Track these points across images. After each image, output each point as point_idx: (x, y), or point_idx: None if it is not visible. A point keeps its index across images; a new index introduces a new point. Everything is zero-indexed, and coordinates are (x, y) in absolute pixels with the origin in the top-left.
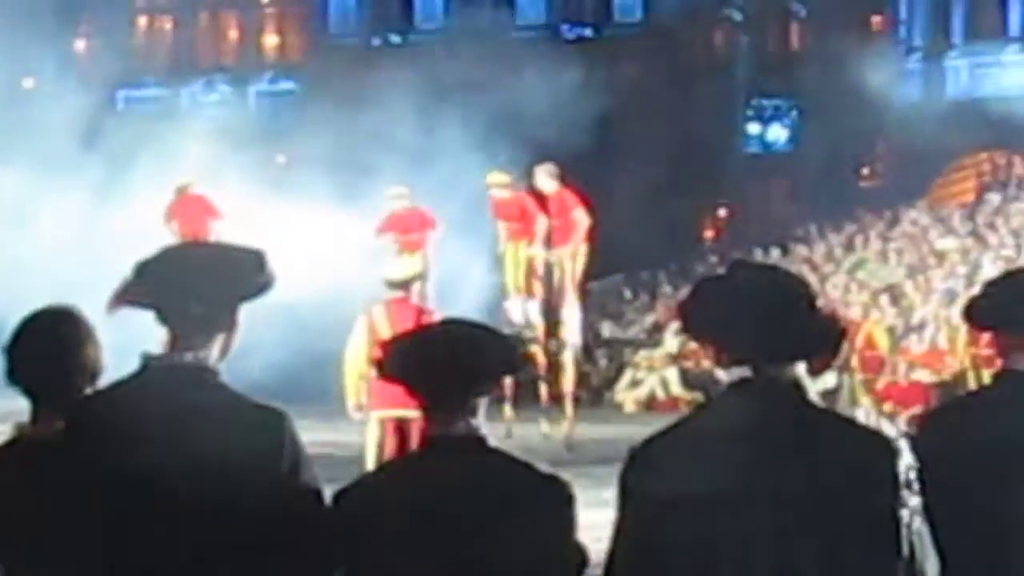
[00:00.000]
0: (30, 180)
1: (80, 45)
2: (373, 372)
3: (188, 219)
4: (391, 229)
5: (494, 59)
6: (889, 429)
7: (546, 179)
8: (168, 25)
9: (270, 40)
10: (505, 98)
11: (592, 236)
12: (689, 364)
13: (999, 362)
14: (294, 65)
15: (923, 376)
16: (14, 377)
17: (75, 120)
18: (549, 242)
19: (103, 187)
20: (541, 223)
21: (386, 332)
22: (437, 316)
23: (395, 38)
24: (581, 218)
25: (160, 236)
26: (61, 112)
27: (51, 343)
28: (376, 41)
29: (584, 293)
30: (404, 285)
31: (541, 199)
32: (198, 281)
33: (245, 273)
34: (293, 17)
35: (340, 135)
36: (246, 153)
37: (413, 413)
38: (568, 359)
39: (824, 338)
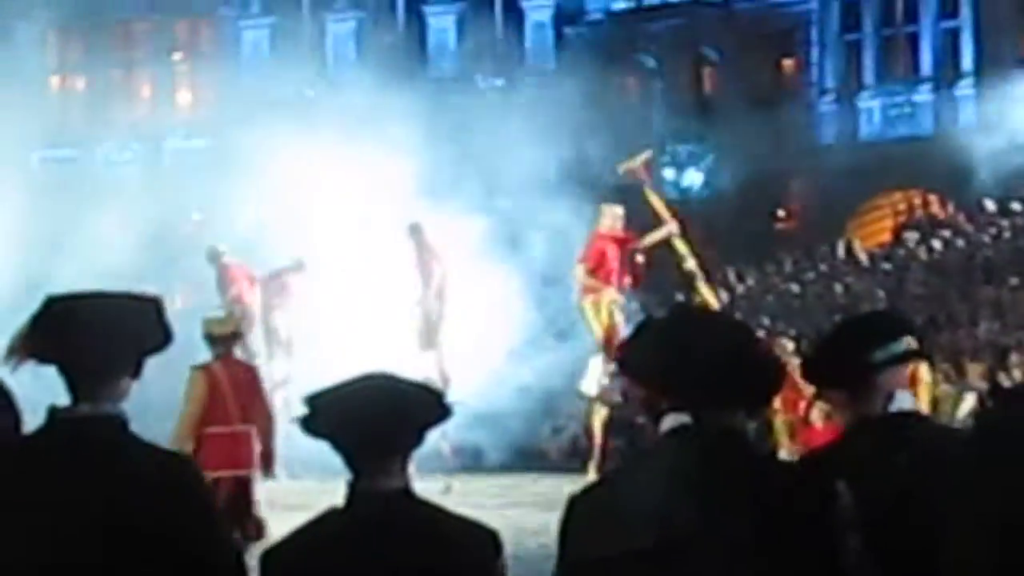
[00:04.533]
0: None
1: None
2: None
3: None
4: None
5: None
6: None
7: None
8: (81, 84)
9: (183, 97)
10: (422, 148)
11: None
12: (612, 411)
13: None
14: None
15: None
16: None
17: None
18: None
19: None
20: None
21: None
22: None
23: (309, 92)
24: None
25: None
26: None
27: None
28: (289, 94)
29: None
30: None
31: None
32: (99, 331)
33: (144, 321)
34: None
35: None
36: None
37: (245, 472)
38: None
39: (766, 385)
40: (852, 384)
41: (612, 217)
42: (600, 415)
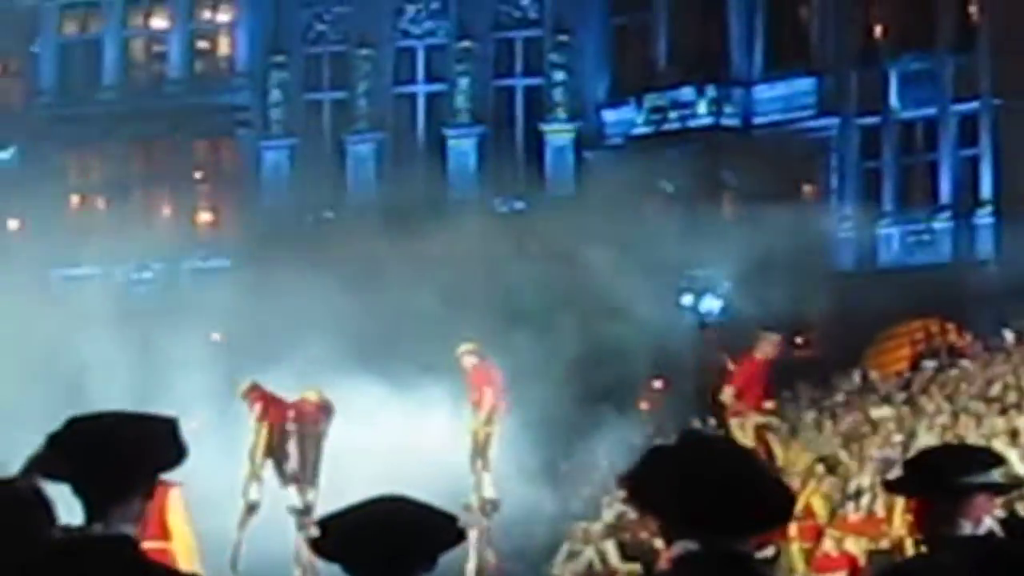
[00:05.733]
0: None
1: (13, 224)
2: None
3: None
4: None
5: (427, 231)
6: None
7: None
8: (101, 203)
9: (203, 217)
10: (442, 271)
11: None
12: (627, 536)
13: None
14: (227, 242)
15: (860, 545)
16: None
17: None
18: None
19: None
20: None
21: None
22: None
23: (329, 213)
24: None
25: None
26: None
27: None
28: (309, 217)
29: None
30: None
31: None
32: (112, 452)
33: (158, 442)
34: (226, 194)
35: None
36: (180, 330)
37: None
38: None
39: (776, 512)
40: (941, 502)
41: (770, 344)
42: None
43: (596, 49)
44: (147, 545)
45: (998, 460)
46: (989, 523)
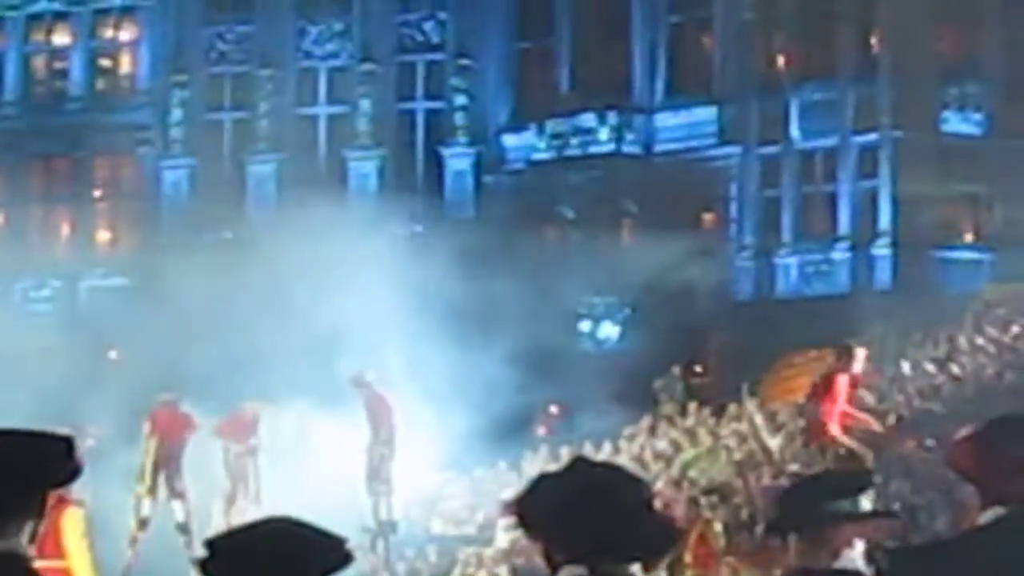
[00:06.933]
0: None
1: None
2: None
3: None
4: None
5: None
6: None
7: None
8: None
9: (102, 235)
10: (340, 293)
11: None
12: (520, 561)
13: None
14: (126, 260)
15: (755, 574)
16: None
17: None
18: None
19: None
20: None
21: None
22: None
23: (227, 234)
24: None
25: None
26: None
27: None
28: (208, 237)
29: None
30: None
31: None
32: (5, 469)
33: (52, 459)
34: (126, 212)
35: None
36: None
37: None
38: None
39: (660, 539)
40: (803, 535)
41: (859, 360)
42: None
43: (498, 74)
44: (43, 564)
45: (849, 487)
46: (855, 554)
